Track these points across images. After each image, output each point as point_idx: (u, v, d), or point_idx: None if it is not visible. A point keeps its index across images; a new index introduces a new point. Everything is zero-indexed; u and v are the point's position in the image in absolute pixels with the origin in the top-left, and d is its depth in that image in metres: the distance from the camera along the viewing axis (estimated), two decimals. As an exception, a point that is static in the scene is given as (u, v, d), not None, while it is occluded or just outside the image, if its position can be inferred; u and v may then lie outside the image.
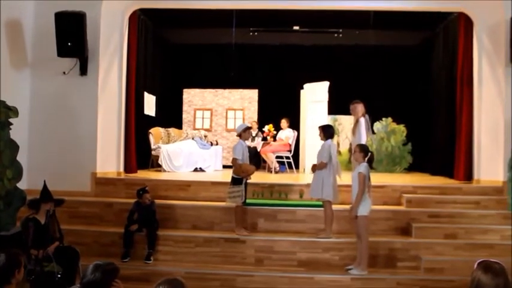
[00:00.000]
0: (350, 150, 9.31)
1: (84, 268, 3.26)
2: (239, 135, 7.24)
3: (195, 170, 10.95)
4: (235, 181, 6.98)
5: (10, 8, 7.80)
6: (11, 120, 6.19)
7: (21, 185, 6.38)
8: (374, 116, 11.05)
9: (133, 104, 9.42)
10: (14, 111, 6.19)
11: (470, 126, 8.95)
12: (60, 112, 8.28)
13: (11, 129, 6.20)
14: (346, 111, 8.95)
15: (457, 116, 9.40)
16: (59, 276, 5.16)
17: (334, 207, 7.04)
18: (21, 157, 6.45)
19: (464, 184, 8.65)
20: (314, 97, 10.88)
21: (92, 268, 2.96)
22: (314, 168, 7.08)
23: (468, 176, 8.90)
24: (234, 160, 7.03)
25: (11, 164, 6.06)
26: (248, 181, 7.23)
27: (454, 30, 9.95)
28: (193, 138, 11.70)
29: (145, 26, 10.81)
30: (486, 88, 8.64)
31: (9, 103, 6.23)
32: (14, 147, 6.18)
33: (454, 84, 9.63)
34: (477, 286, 2.38)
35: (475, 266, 2.50)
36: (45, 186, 5.86)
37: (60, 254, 5.48)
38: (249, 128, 7.42)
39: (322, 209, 7.04)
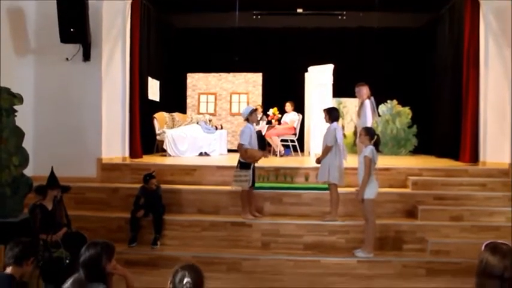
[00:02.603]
0: (355, 133, 9.29)
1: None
2: (246, 119, 7.20)
3: (200, 154, 10.96)
4: (242, 165, 6.96)
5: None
6: (15, 107, 6.18)
7: (28, 171, 6.39)
8: (379, 98, 10.96)
9: (138, 89, 9.41)
10: (19, 98, 6.17)
11: (476, 108, 8.91)
12: (64, 98, 8.27)
13: (16, 116, 6.20)
14: (351, 94, 8.91)
15: (463, 98, 9.34)
16: (68, 261, 5.19)
17: (340, 190, 7.04)
18: (27, 144, 6.45)
19: (470, 166, 8.63)
20: (318, 80, 10.84)
21: (85, 247, 3.02)
22: (318, 160, 7.07)
23: (474, 158, 8.88)
24: (240, 145, 7.01)
25: (17, 150, 6.06)
26: (255, 165, 7.21)
27: (459, 11, 9.83)
28: (197, 123, 11.69)
29: (148, 11, 10.73)
30: (492, 69, 8.58)
31: (14, 90, 6.21)
32: (20, 134, 6.18)
33: (460, 65, 9.55)
34: (485, 267, 2.37)
35: (483, 247, 2.49)
36: (52, 172, 5.87)
37: (68, 240, 5.51)
38: (255, 110, 7.34)
39: (327, 192, 7.05)
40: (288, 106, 11.62)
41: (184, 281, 2.57)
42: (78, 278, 2.93)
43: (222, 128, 12.38)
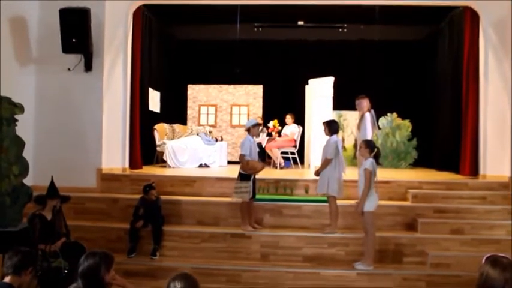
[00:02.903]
0: (355, 145, 9.30)
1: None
2: (247, 130, 7.21)
3: (200, 165, 10.96)
4: (243, 177, 6.95)
5: (15, 5, 7.81)
6: (16, 116, 6.19)
7: (28, 181, 6.37)
8: (379, 111, 11.00)
9: (138, 100, 9.43)
10: (20, 108, 6.17)
11: (476, 121, 8.91)
12: (65, 108, 8.30)
13: (16, 125, 6.20)
14: (351, 107, 8.94)
15: (463, 111, 9.35)
16: (66, 271, 5.17)
17: (340, 202, 7.03)
18: (27, 153, 6.44)
19: (470, 179, 8.62)
20: (319, 92, 10.87)
21: (83, 257, 2.99)
22: (317, 173, 7.07)
23: (474, 171, 8.86)
24: (242, 156, 7.01)
25: (17, 160, 6.05)
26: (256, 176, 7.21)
27: (459, 24, 9.88)
28: (198, 134, 11.71)
29: (149, 22, 10.80)
30: (492, 82, 8.60)
31: (15, 100, 6.21)
32: (20, 143, 6.18)
33: (459, 78, 9.58)
34: (485, 281, 2.37)
35: (483, 260, 2.49)
36: (52, 182, 5.87)
37: (67, 250, 5.50)
38: (258, 125, 7.35)
39: (327, 204, 7.04)
40: (289, 118, 11.64)
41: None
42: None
43: (222, 139, 12.40)
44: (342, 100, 11.20)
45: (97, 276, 2.99)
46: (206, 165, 11.04)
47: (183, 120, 13.36)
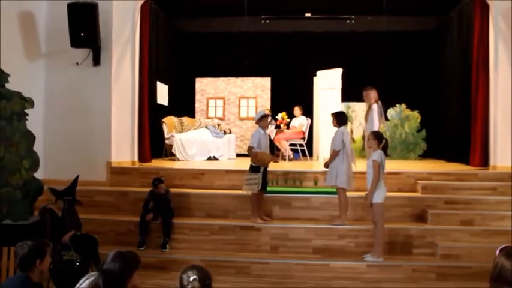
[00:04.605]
0: (363, 137, 9.26)
1: (102, 257, 3.23)
2: (257, 123, 7.22)
3: (209, 158, 10.98)
4: (253, 169, 6.96)
5: (23, 0, 7.84)
6: (26, 111, 6.24)
7: (38, 174, 6.45)
8: (388, 102, 10.97)
9: (147, 93, 9.45)
10: (30, 102, 6.24)
11: (486, 112, 8.84)
12: (74, 102, 8.35)
13: (27, 119, 6.26)
14: (360, 98, 8.89)
15: (473, 101, 9.27)
16: (78, 264, 5.22)
17: (349, 194, 7.02)
18: (37, 147, 6.51)
19: (480, 170, 8.57)
20: (327, 84, 10.82)
21: (112, 255, 2.85)
22: (326, 165, 7.07)
23: (484, 162, 8.81)
24: (250, 148, 7.03)
25: (28, 154, 6.12)
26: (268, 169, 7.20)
27: (468, 14, 9.78)
28: (206, 127, 11.72)
29: (157, 16, 10.79)
30: (502, 72, 8.52)
31: (25, 94, 6.28)
32: (31, 137, 6.24)
33: (469, 69, 9.49)
34: (500, 272, 2.34)
35: (497, 251, 2.46)
36: (75, 182, 5.88)
37: (79, 242, 5.54)
38: (266, 116, 7.26)
39: (336, 196, 7.03)
40: (297, 110, 11.62)
41: (191, 278, 2.56)
42: (96, 283, 2.81)
43: (230, 132, 12.40)
44: (350, 92, 11.14)
45: (120, 281, 2.88)
46: (215, 158, 11.06)
47: (192, 113, 13.37)
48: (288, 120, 11.92)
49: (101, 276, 2.78)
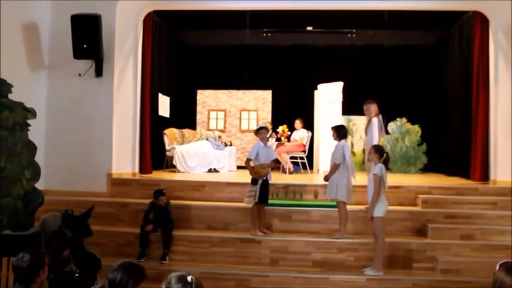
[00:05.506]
0: (364, 150, 9.28)
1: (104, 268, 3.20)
2: (256, 135, 7.30)
3: (209, 170, 10.98)
4: (252, 181, 7.01)
5: (27, 11, 7.92)
6: (28, 121, 6.27)
7: (39, 185, 6.45)
8: (388, 116, 10.99)
9: (148, 105, 9.48)
10: (32, 113, 6.27)
11: (486, 126, 8.87)
12: (76, 113, 8.37)
13: (29, 130, 6.28)
14: (360, 112, 8.91)
15: (473, 115, 9.31)
16: (77, 275, 5.19)
17: (350, 207, 7.02)
18: (39, 158, 6.52)
19: (481, 185, 8.57)
20: (328, 98, 10.86)
21: (116, 265, 2.87)
22: (326, 178, 7.08)
23: (484, 177, 8.82)
24: (247, 161, 7.09)
25: (29, 164, 6.13)
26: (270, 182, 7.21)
27: (469, 29, 9.86)
28: (207, 139, 11.74)
29: (159, 28, 10.87)
30: (503, 87, 8.57)
31: (27, 105, 6.31)
32: (32, 148, 6.26)
33: (469, 83, 9.54)
34: (499, 287, 2.35)
35: (497, 267, 2.47)
36: (88, 213, 5.68)
37: (81, 260, 5.47)
38: (262, 128, 7.26)
39: (336, 209, 7.03)
40: (298, 123, 11.65)
41: (189, 279, 2.48)
42: None
43: (231, 144, 12.42)
44: (351, 105, 11.19)
45: None
46: (215, 170, 11.07)
47: (193, 125, 13.40)
48: (289, 133, 11.94)
49: (106, 285, 2.78)
